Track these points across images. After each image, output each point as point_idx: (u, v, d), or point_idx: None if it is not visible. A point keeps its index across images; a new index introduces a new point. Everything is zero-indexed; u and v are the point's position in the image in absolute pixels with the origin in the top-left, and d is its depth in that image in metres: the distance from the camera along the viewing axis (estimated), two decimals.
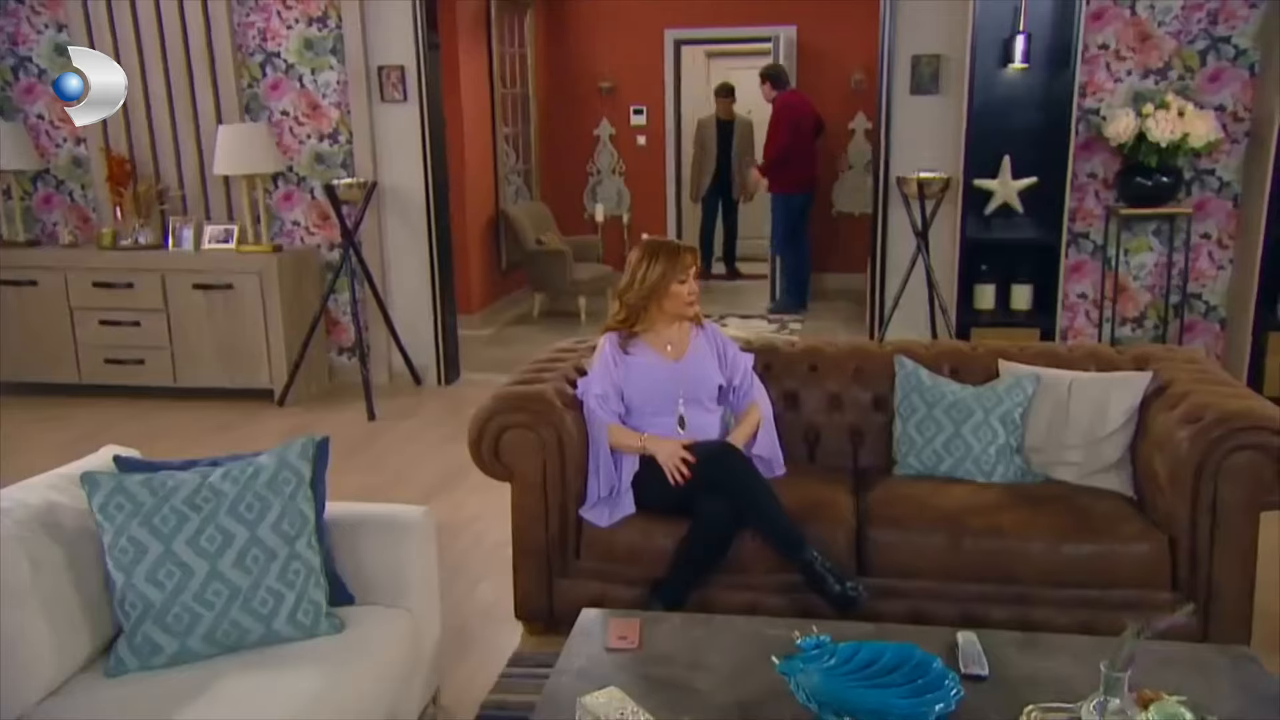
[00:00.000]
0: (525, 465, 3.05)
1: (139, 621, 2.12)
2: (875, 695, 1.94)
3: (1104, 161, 5.34)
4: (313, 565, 2.30)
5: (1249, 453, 2.72)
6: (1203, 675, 2.07)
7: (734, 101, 9.32)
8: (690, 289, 3.19)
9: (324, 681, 2.14)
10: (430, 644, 2.63)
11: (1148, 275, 5.45)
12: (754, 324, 7.86)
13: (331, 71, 6.03)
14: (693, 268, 3.18)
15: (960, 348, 3.55)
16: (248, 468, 2.29)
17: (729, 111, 9.32)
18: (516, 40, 8.78)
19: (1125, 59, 5.25)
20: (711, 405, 3.28)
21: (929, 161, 5.43)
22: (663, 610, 2.84)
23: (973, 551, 2.89)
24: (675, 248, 3.20)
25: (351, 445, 5.15)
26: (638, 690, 2.00)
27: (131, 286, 5.88)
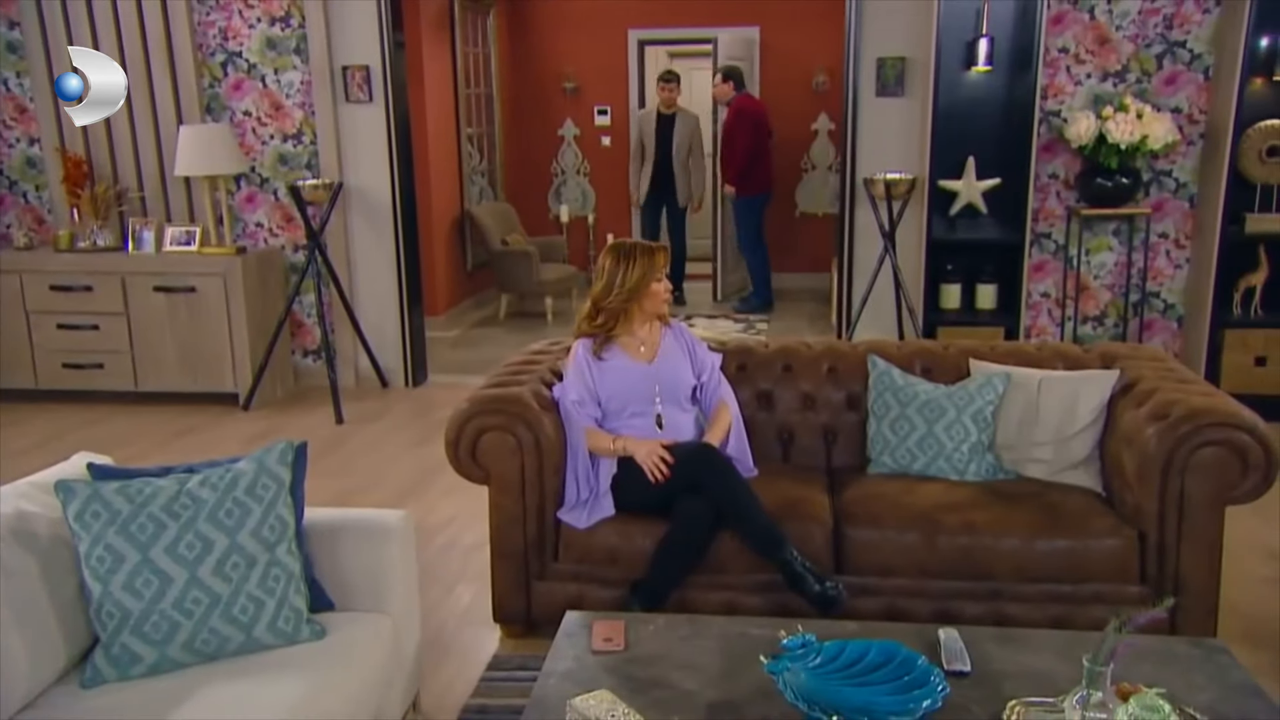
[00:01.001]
0: (503, 467, 3.04)
1: (116, 631, 2.09)
2: (862, 693, 1.95)
3: (1065, 163, 5.43)
4: (293, 571, 2.28)
5: (1214, 448, 2.78)
6: (1176, 667, 2.11)
7: (677, 91, 8.27)
8: (666, 286, 3.22)
9: (306, 689, 2.12)
10: (411, 648, 2.61)
11: (1108, 274, 5.55)
12: (720, 324, 7.89)
13: (295, 71, 5.96)
14: (660, 271, 3.20)
15: (931, 347, 3.59)
16: (226, 474, 2.26)
17: (671, 102, 8.27)
18: (480, 40, 8.74)
19: (1085, 62, 5.34)
20: (687, 405, 3.30)
21: (895, 163, 5.49)
22: (641, 611, 2.85)
23: (947, 549, 2.92)
24: (649, 248, 3.21)
25: (320, 449, 5.08)
26: (626, 691, 2.01)
27: (90, 289, 5.78)
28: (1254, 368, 5.15)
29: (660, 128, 8.30)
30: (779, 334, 7.53)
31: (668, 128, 8.29)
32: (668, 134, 8.25)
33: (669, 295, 3.25)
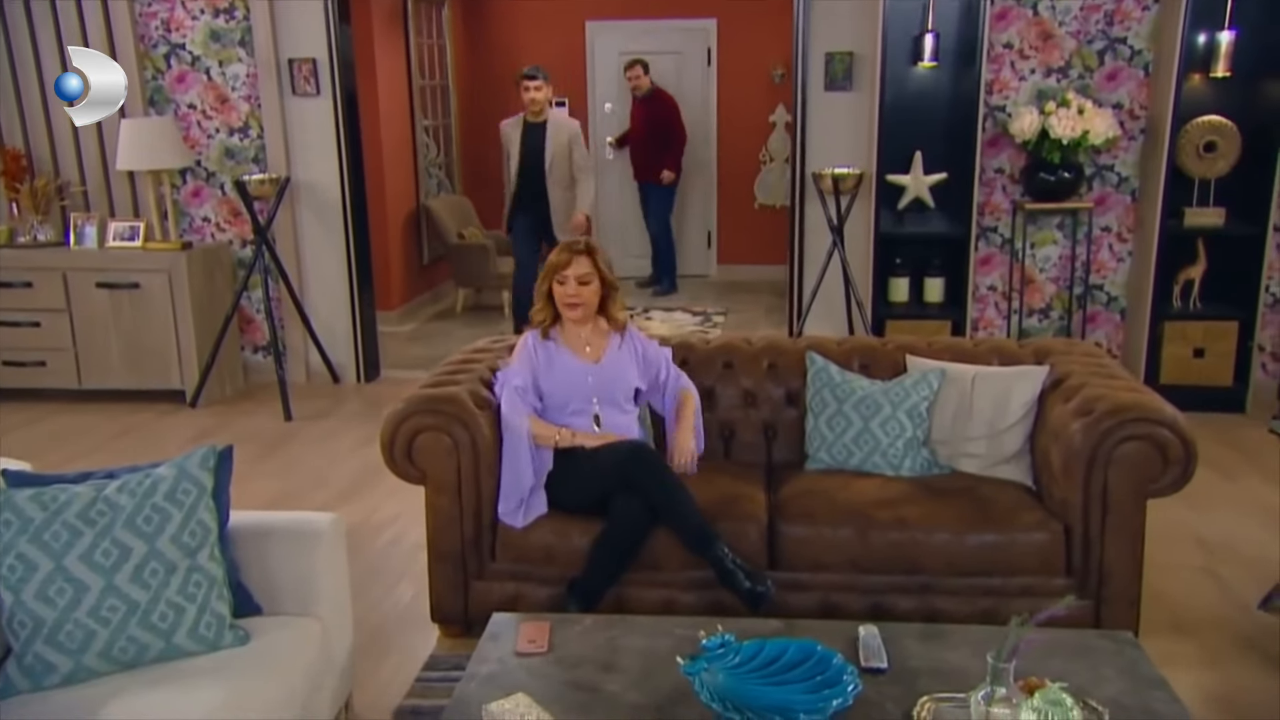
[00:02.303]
0: (439, 468, 3.03)
1: (29, 641, 2.07)
2: (777, 692, 1.97)
3: (1010, 157, 5.49)
4: (215, 577, 2.26)
5: (1136, 443, 2.83)
6: (1087, 660, 2.15)
7: (547, 90, 6.27)
8: (568, 291, 3.16)
9: (226, 695, 2.11)
10: (342, 651, 2.60)
11: (1053, 267, 5.62)
12: (677, 317, 7.91)
13: (240, 64, 5.89)
14: (568, 269, 3.15)
15: (871, 343, 3.63)
16: (145, 479, 2.23)
17: (540, 108, 6.23)
18: (434, 31, 8.68)
19: (1029, 58, 5.39)
20: (628, 406, 3.30)
21: (844, 157, 5.51)
22: (578, 610, 2.86)
23: (879, 544, 2.95)
24: (563, 248, 3.21)
25: (267, 447, 5.06)
26: (547, 694, 2.02)
27: (30, 286, 5.69)
28: (1192, 359, 5.24)
29: (527, 139, 6.28)
30: (735, 327, 7.56)
31: (536, 139, 6.25)
32: (536, 146, 6.25)
33: (572, 300, 3.17)
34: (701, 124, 9.29)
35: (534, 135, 6.29)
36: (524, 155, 6.30)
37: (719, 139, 9.35)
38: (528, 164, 6.30)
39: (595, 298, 3.22)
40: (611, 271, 3.26)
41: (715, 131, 9.34)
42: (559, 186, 6.30)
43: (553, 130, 6.28)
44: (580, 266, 3.17)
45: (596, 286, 3.20)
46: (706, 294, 8.82)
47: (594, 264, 3.19)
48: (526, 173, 6.32)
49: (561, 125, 6.35)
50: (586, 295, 3.19)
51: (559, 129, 6.31)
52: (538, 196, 6.33)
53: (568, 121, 6.46)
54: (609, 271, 3.24)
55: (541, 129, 6.28)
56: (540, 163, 6.25)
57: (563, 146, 6.25)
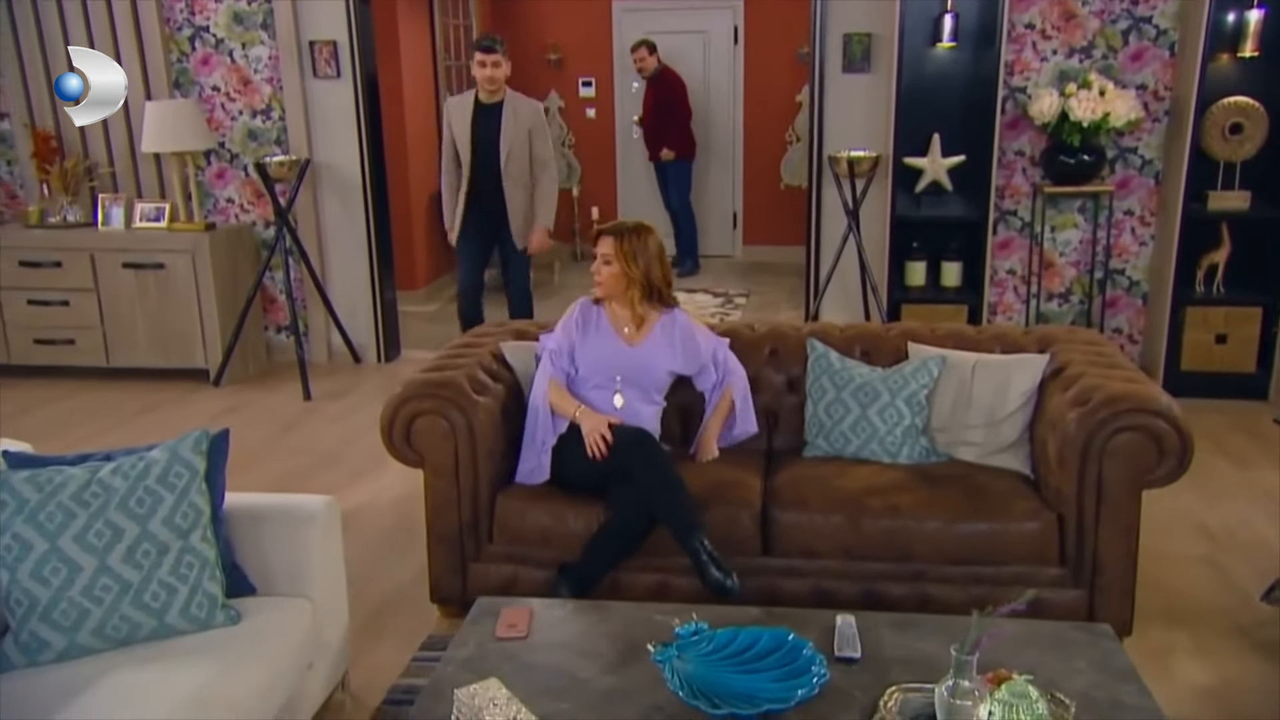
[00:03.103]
0: (436, 451, 3.08)
1: (25, 618, 2.14)
2: (747, 680, 2.00)
3: (1031, 140, 5.41)
4: (207, 558, 2.32)
5: (1131, 434, 2.81)
6: (1060, 653, 2.16)
7: (506, 67, 5.18)
8: (594, 267, 3.26)
9: (216, 672, 2.17)
10: (336, 631, 2.67)
11: (1073, 251, 5.55)
12: (699, 299, 7.91)
13: (262, 46, 5.95)
14: (597, 246, 3.25)
15: (873, 330, 3.62)
16: (139, 462, 2.30)
17: (497, 87, 5.17)
18: (460, 12, 8.70)
19: (1051, 38, 5.31)
20: (655, 397, 3.33)
21: (862, 139, 5.47)
22: (570, 594, 2.90)
23: (871, 531, 2.96)
24: (608, 224, 3.32)
25: (284, 425, 5.15)
26: (521, 679, 2.06)
27: (60, 265, 5.81)
28: (1214, 345, 5.16)
29: (478, 125, 5.20)
30: (757, 309, 7.55)
31: (489, 125, 5.17)
32: (489, 134, 5.16)
33: (599, 277, 3.26)
34: (727, 104, 9.24)
35: (487, 120, 5.15)
36: (475, 145, 5.18)
37: (745, 119, 9.29)
38: (479, 156, 5.18)
39: (615, 281, 3.24)
40: (636, 259, 3.21)
41: (741, 111, 9.28)
42: (516, 184, 5.21)
43: (510, 114, 5.14)
44: (604, 245, 3.24)
45: (619, 271, 3.22)
46: (730, 275, 8.79)
47: (618, 248, 3.21)
48: (477, 167, 5.21)
49: (522, 109, 5.21)
50: (605, 275, 3.24)
51: (518, 113, 5.17)
52: (491, 196, 5.22)
53: (529, 104, 5.29)
54: (633, 263, 3.21)
55: (496, 112, 5.14)
56: (494, 155, 5.15)
57: (522, 135, 5.15)
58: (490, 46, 5.13)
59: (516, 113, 5.19)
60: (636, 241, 3.22)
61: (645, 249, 3.23)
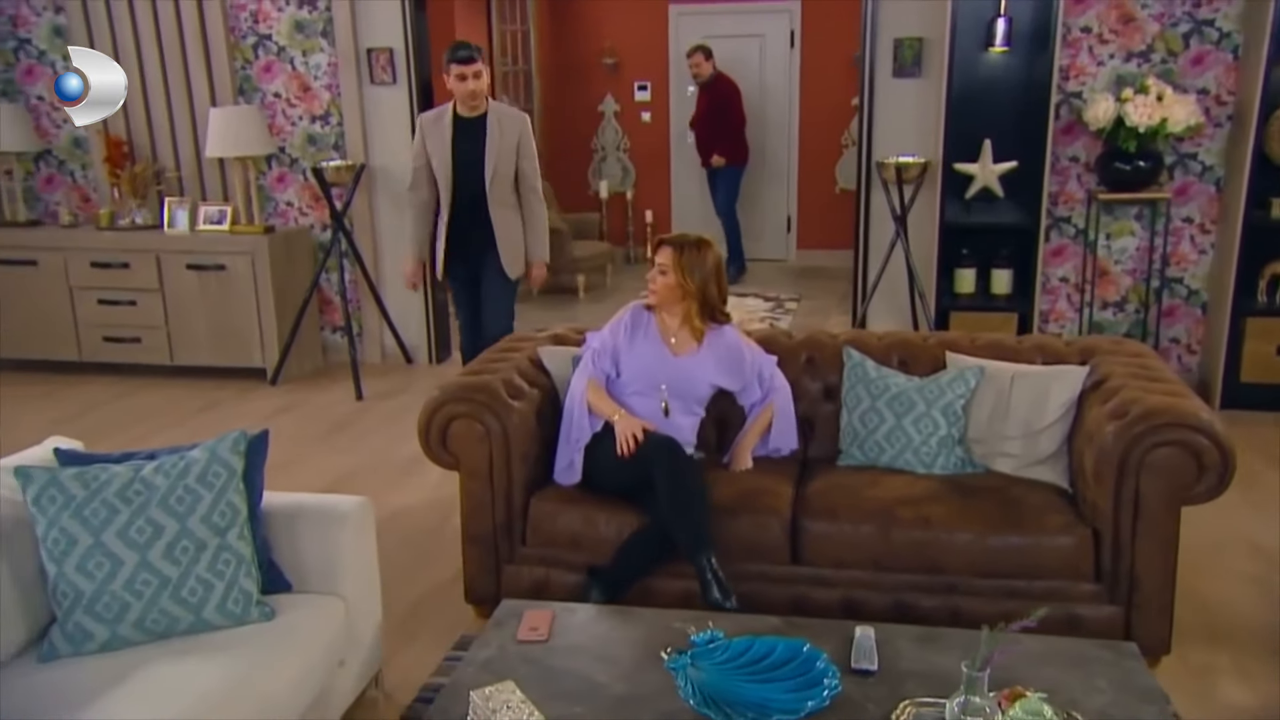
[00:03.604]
0: (472, 454, 3.14)
1: (70, 610, 2.24)
2: (759, 690, 2.02)
3: (1085, 145, 5.32)
4: (243, 556, 2.40)
5: (1169, 449, 2.75)
6: (1081, 671, 2.13)
7: (485, 78, 4.52)
8: (650, 275, 3.30)
9: (248, 666, 2.25)
10: (369, 629, 2.74)
11: (1129, 259, 5.44)
12: (749, 303, 7.90)
13: (322, 54, 6.10)
14: (656, 254, 3.29)
15: (912, 339, 3.59)
16: (179, 461, 2.39)
17: (475, 99, 4.51)
18: (518, 17, 8.81)
19: (1108, 42, 5.21)
20: (696, 409, 3.36)
21: (912, 144, 5.44)
22: (601, 599, 2.93)
23: (901, 542, 2.95)
24: (669, 235, 3.35)
25: (335, 424, 5.27)
26: (538, 682, 2.10)
27: (128, 266, 6.02)
28: (1275, 357, 5.01)
29: (459, 142, 4.55)
30: (807, 315, 7.52)
31: (472, 141, 4.53)
32: (473, 152, 4.52)
33: (653, 285, 3.29)
34: (783, 108, 9.23)
35: (469, 136, 4.51)
36: (456, 164, 4.53)
37: (801, 122, 9.27)
38: (461, 176, 4.53)
39: (669, 292, 3.26)
40: (692, 273, 3.22)
41: (797, 115, 9.26)
42: (502, 207, 4.58)
43: (495, 128, 4.50)
44: (662, 256, 3.26)
45: (673, 282, 3.24)
46: (783, 279, 8.77)
47: (675, 260, 3.23)
48: (459, 189, 4.55)
49: (508, 120, 4.56)
50: (660, 285, 3.27)
51: (503, 125, 4.52)
52: (474, 222, 4.58)
53: (515, 115, 4.65)
54: (689, 276, 3.22)
55: (479, 127, 4.50)
56: (478, 174, 4.51)
57: (508, 151, 4.53)
58: (470, 56, 4.44)
59: (502, 125, 4.52)
60: (695, 255, 3.23)
61: (703, 264, 3.23)
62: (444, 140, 4.56)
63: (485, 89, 4.54)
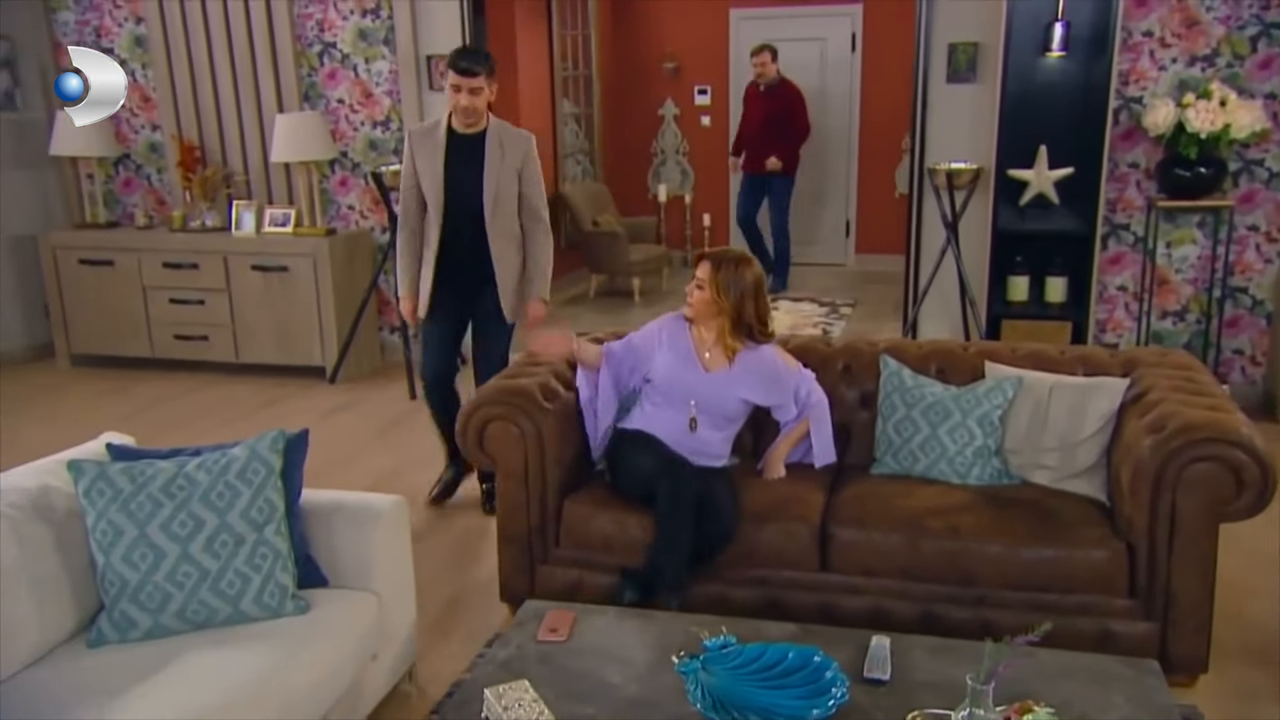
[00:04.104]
0: (507, 456, 3.21)
1: (117, 598, 2.35)
2: (768, 695, 2.04)
3: (1145, 151, 5.21)
4: (280, 551, 2.50)
5: (1207, 464, 2.70)
6: (1098, 686, 2.11)
7: (486, 94, 3.87)
8: (689, 288, 3.30)
9: (281, 656, 2.34)
10: (402, 624, 2.82)
11: (1190, 268, 5.31)
12: (804, 308, 7.88)
13: (384, 61, 6.25)
14: (696, 267, 3.31)
15: (951, 348, 3.57)
16: (221, 458, 2.49)
17: (473, 119, 3.90)
18: (579, 22, 8.90)
19: (1170, 46, 5.10)
20: (724, 424, 3.33)
21: (966, 150, 5.38)
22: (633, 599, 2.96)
23: (930, 553, 2.94)
24: (708, 251, 3.40)
25: (388, 423, 5.40)
26: (552, 681, 2.15)
27: (197, 267, 6.24)
28: None
29: (453, 163, 3.93)
30: (862, 320, 7.49)
31: (468, 162, 3.92)
32: (468, 174, 3.92)
33: (690, 299, 3.29)
34: (843, 111, 9.19)
35: (465, 155, 3.89)
36: (449, 187, 3.92)
37: (861, 126, 9.21)
38: (455, 201, 3.92)
39: (704, 307, 3.25)
40: (728, 290, 3.20)
41: (857, 118, 9.20)
42: (503, 238, 3.97)
43: (495, 147, 3.88)
44: (701, 270, 3.27)
45: (709, 298, 3.22)
46: (840, 284, 8.73)
47: (712, 276, 3.21)
48: (452, 216, 3.94)
49: (510, 140, 3.94)
50: (696, 299, 3.26)
51: (505, 145, 3.91)
52: (469, 253, 3.96)
53: (518, 135, 4.01)
54: (724, 294, 3.20)
55: (476, 145, 3.88)
56: (475, 199, 3.90)
57: (510, 174, 3.93)
58: (470, 68, 3.76)
59: (503, 145, 3.90)
60: (733, 273, 3.20)
61: (740, 281, 3.20)
62: (435, 158, 3.91)
63: (484, 107, 3.86)
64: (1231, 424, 2.75)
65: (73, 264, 6.44)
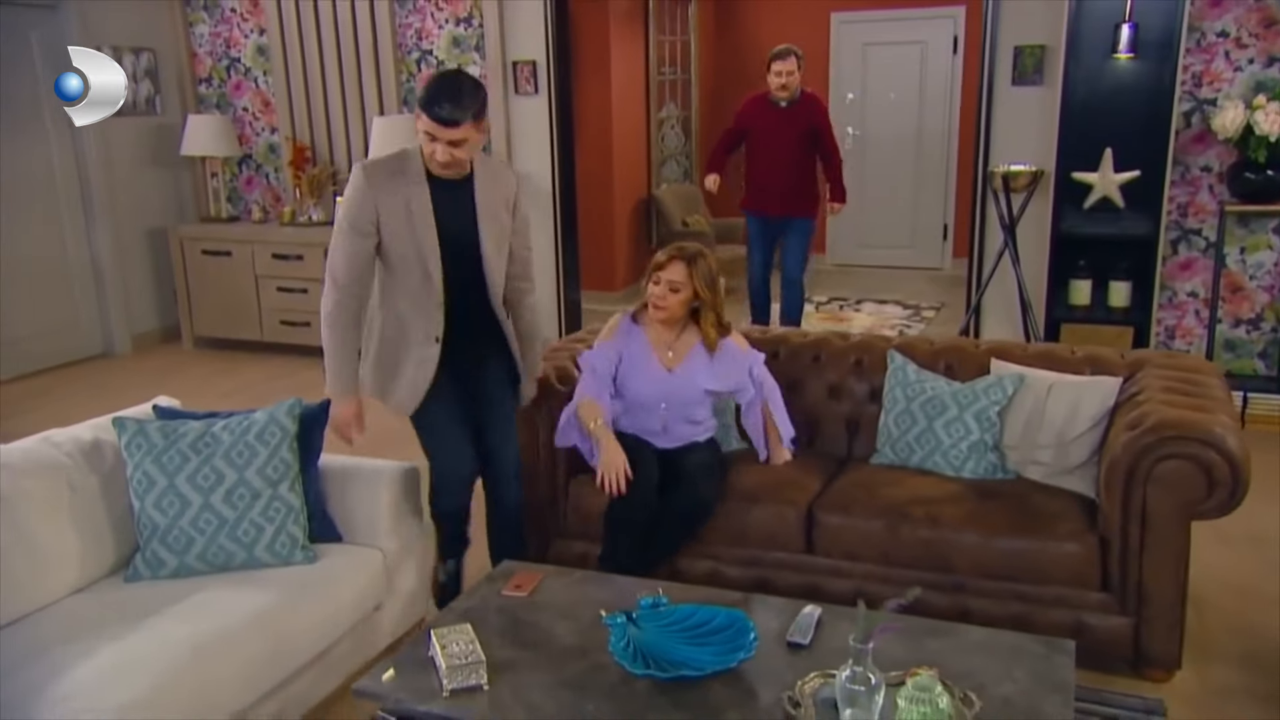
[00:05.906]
0: (522, 433, 3.44)
1: (149, 540, 2.71)
2: (688, 650, 2.22)
3: (1218, 155, 5.08)
4: (292, 505, 2.81)
5: (1177, 462, 2.72)
6: (1005, 661, 2.19)
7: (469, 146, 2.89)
8: (658, 292, 3.17)
9: (283, 598, 2.64)
10: (407, 581, 3.09)
11: (1265, 275, 5.14)
12: (887, 310, 7.88)
13: (474, 66, 6.61)
14: (664, 271, 3.16)
15: (962, 345, 3.64)
16: (243, 421, 2.82)
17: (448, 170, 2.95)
18: (679, 28, 9.12)
19: (1247, 46, 4.96)
20: (697, 416, 3.33)
21: (1031, 154, 5.34)
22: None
23: (909, 539, 3.04)
24: (672, 247, 3.26)
25: None
26: (500, 629, 2.37)
27: (301, 259, 6.75)
28: None
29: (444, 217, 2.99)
30: (943, 324, 7.45)
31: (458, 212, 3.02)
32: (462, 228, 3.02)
33: (658, 302, 3.18)
34: (943, 114, 9.09)
35: (454, 207, 3.01)
36: (445, 243, 2.99)
37: (960, 129, 9.10)
38: (454, 261, 3.02)
39: (681, 309, 3.20)
40: (710, 284, 3.16)
41: (958, 121, 9.10)
42: (500, 293, 3.15)
43: (487, 187, 3.06)
44: (674, 272, 3.13)
45: (686, 297, 3.16)
46: (933, 288, 8.66)
47: (690, 274, 3.12)
48: (456, 282, 3.05)
49: (498, 181, 3.14)
50: (672, 303, 3.17)
51: (494, 188, 3.09)
52: (474, 325, 3.12)
53: (506, 171, 3.33)
54: (707, 285, 3.15)
55: (464, 191, 3.02)
56: (474, 257, 3.06)
57: (506, 215, 3.13)
58: (452, 117, 2.81)
59: (493, 189, 3.08)
60: (704, 264, 3.15)
61: (711, 271, 3.18)
62: (418, 205, 2.95)
63: (465, 159, 2.94)
64: (1204, 423, 2.76)
65: (197, 254, 7.07)
